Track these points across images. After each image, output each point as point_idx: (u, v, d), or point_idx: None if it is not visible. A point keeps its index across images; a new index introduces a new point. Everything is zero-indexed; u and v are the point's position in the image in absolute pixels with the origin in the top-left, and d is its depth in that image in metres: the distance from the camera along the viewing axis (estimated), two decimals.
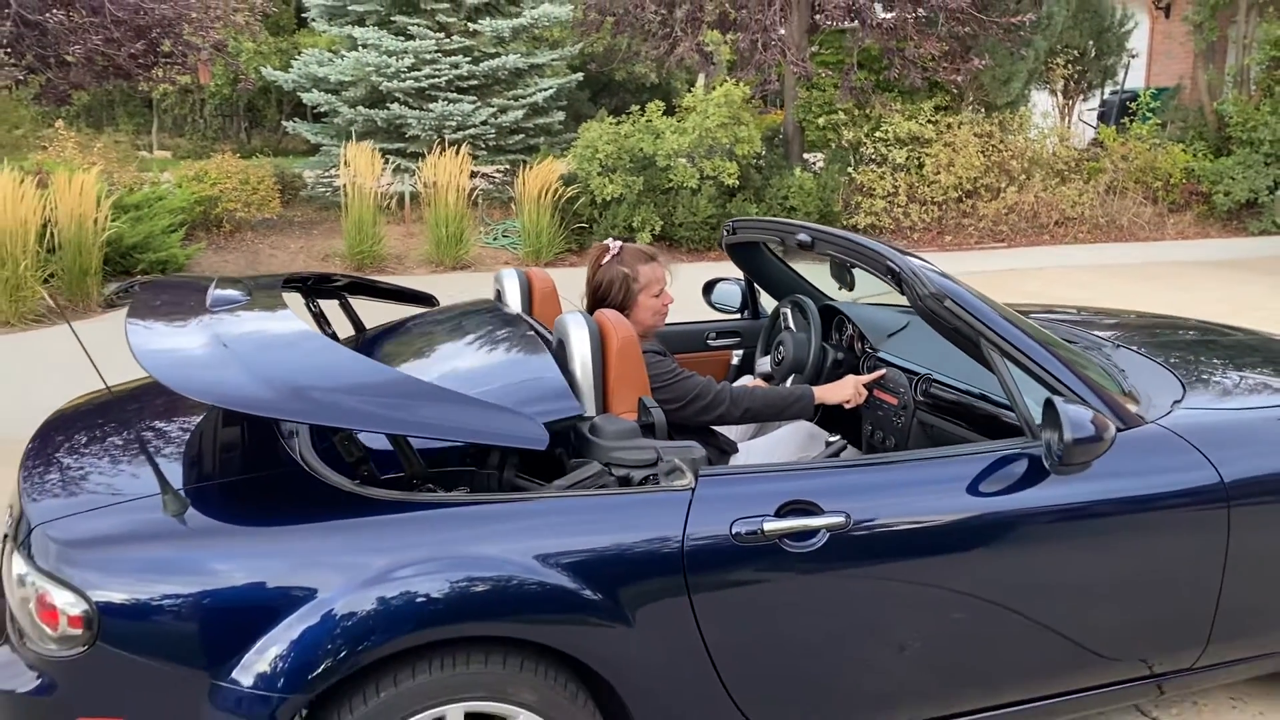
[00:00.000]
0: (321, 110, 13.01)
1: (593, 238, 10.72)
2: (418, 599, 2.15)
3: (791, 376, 3.68)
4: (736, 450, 3.36)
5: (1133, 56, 15.20)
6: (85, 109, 18.56)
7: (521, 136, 12.74)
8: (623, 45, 14.32)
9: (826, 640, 2.47)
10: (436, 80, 12.04)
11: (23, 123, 11.99)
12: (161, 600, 2.11)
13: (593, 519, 2.34)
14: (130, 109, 19.83)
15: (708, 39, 12.02)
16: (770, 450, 3.45)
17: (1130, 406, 2.81)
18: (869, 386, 3.44)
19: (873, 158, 12.25)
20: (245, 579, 2.14)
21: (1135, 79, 17.35)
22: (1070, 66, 13.84)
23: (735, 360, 4.19)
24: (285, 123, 14.94)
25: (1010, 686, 2.71)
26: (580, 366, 2.72)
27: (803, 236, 3.28)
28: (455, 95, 12.15)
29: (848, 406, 3.37)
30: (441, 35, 12.34)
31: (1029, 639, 2.64)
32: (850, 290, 3.56)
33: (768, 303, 4.21)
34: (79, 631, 2.10)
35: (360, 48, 12.20)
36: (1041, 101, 14.43)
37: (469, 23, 12.58)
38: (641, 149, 11.00)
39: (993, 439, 2.88)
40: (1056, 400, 2.49)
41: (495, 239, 11.38)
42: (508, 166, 12.73)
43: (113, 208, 8.70)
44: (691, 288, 4.34)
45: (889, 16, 11.85)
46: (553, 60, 13.37)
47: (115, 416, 2.87)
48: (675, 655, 2.36)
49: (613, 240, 3.32)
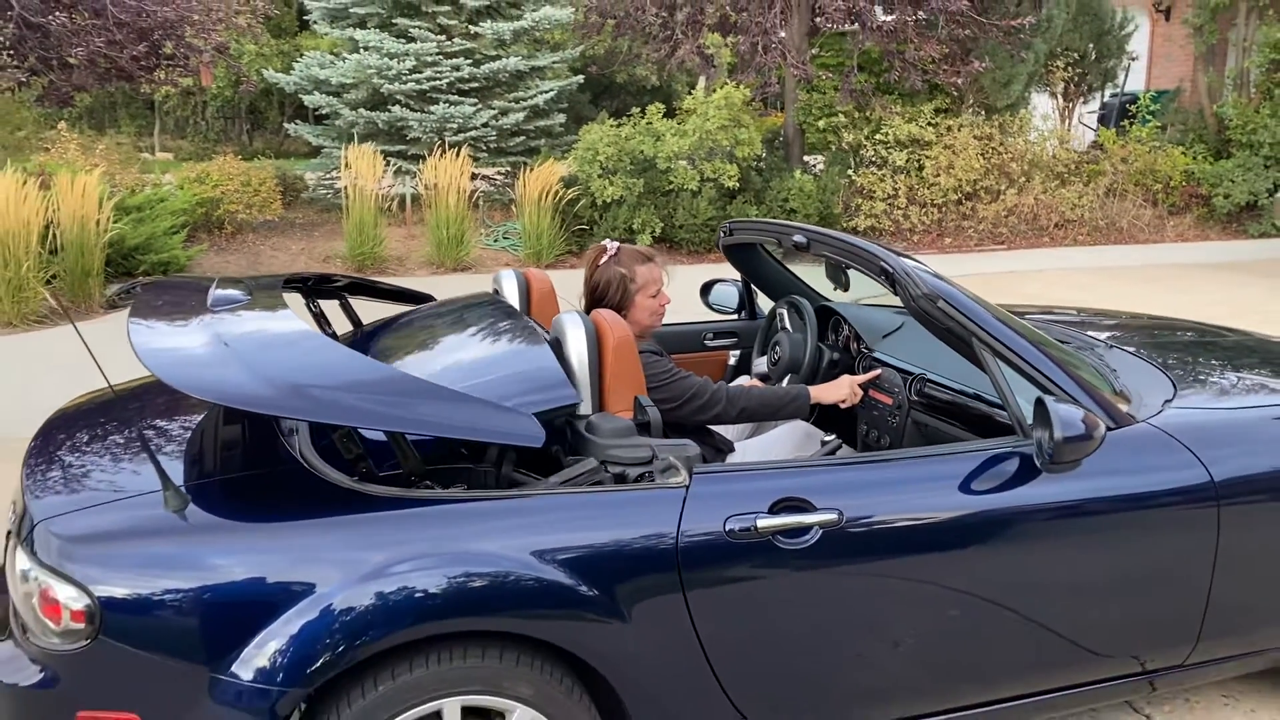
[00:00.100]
0: (323, 112, 13.07)
1: (593, 239, 10.75)
2: (415, 594, 2.18)
3: (788, 376, 3.71)
4: (733, 449, 3.38)
5: (1133, 59, 15.24)
6: (88, 111, 18.64)
7: (522, 139, 12.78)
8: (623, 48, 14.36)
9: (820, 636, 2.50)
10: (438, 83, 12.08)
11: (25, 124, 12.04)
12: (163, 595, 2.13)
13: (588, 516, 2.36)
14: (132, 111, 19.89)
15: (708, 42, 12.05)
16: (767, 449, 3.48)
17: (1121, 406, 2.83)
18: (864, 386, 3.47)
19: (873, 160, 12.28)
20: (245, 574, 2.16)
21: (1136, 82, 17.37)
22: (1070, 69, 13.87)
23: (732, 360, 4.22)
24: (287, 125, 14.99)
25: (1003, 682, 2.74)
26: (577, 365, 2.75)
27: (798, 238, 3.30)
28: (456, 97, 12.19)
29: (843, 406, 3.40)
30: (443, 38, 12.38)
31: (1021, 635, 2.67)
32: (845, 291, 3.59)
33: (765, 304, 4.24)
34: (81, 626, 2.12)
35: (362, 50, 12.25)
36: (1041, 104, 14.46)
37: (470, 25, 12.63)
38: (642, 151, 11.03)
39: (986, 438, 2.90)
40: (1047, 399, 2.52)
41: (496, 241, 11.41)
42: (508, 169, 12.77)
43: (115, 209, 8.75)
44: (691, 289, 4.37)
45: (889, 19, 11.89)
46: (554, 63, 13.41)
47: (117, 415, 2.90)
48: (670, 651, 2.38)
49: (610, 241, 3.35)
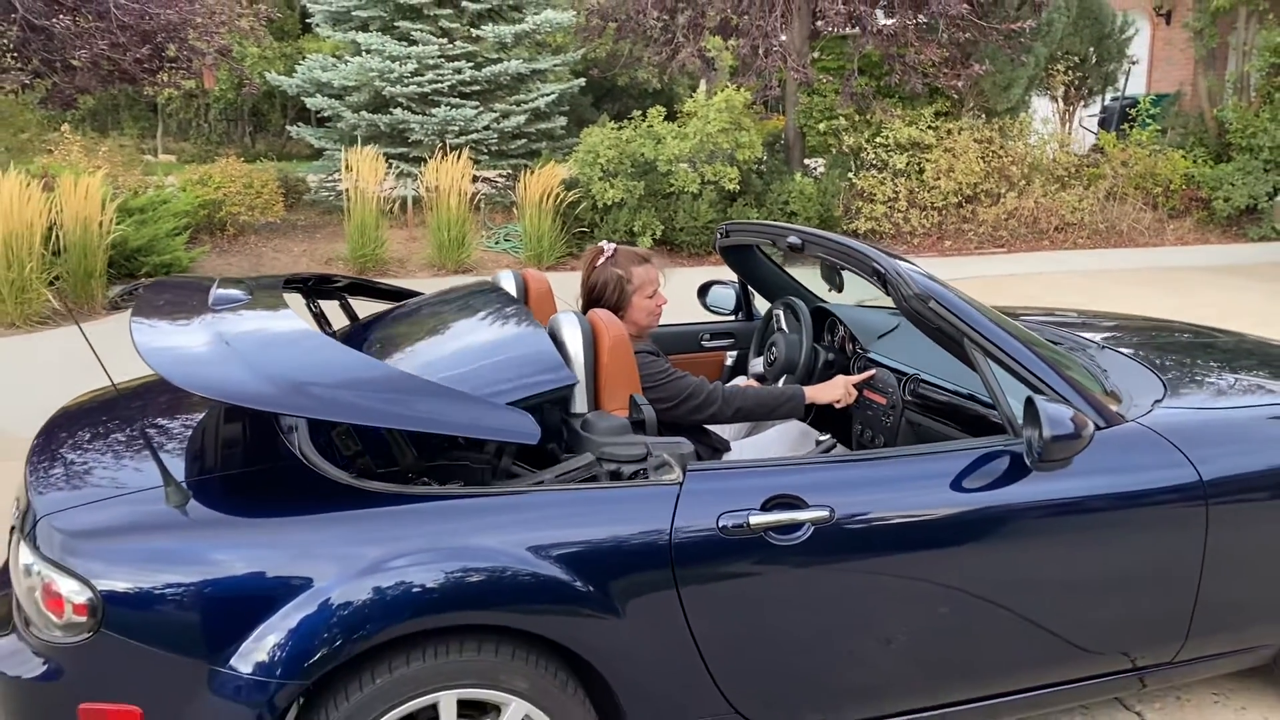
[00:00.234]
0: (325, 115, 13.12)
1: (594, 242, 10.78)
2: (412, 589, 2.21)
3: (783, 377, 3.74)
4: (729, 449, 3.42)
5: (1133, 63, 15.28)
6: (91, 113, 18.70)
7: (523, 141, 12.82)
8: (625, 51, 14.40)
9: (812, 631, 2.53)
10: (439, 85, 12.13)
11: (29, 126, 12.08)
12: (163, 589, 2.16)
13: (583, 512, 2.40)
14: (135, 113, 19.96)
15: (709, 45, 12.11)
16: (762, 449, 3.51)
17: (1112, 405, 2.86)
18: (859, 386, 3.51)
19: (873, 163, 12.31)
20: (245, 569, 2.19)
21: (1136, 85, 17.41)
22: (1071, 73, 13.91)
23: (729, 361, 4.25)
24: (289, 127, 15.04)
25: (994, 679, 2.77)
26: (573, 364, 2.78)
27: (793, 239, 3.34)
28: (458, 100, 12.23)
29: (838, 406, 3.43)
30: (444, 41, 12.42)
31: (1011, 632, 2.70)
32: (839, 292, 3.62)
33: (762, 305, 4.27)
34: (83, 619, 2.16)
35: (364, 53, 12.29)
36: (1042, 107, 14.50)
37: (472, 28, 12.67)
38: (643, 154, 11.07)
39: (979, 437, 2.93)
40: (1036, 398, 2.55)
41: (497, 243, 11.45)
42: (510, 171, 12.81)
43: (117, 211, 8.80)
44: (690, 291, 4.41)
45: (890, 23, 11.93)
46: (555, 66, 13.46)
47: (119, 413, 2.93)
48: (664, 645, 2.42)
49: (606, 243, 3.39)
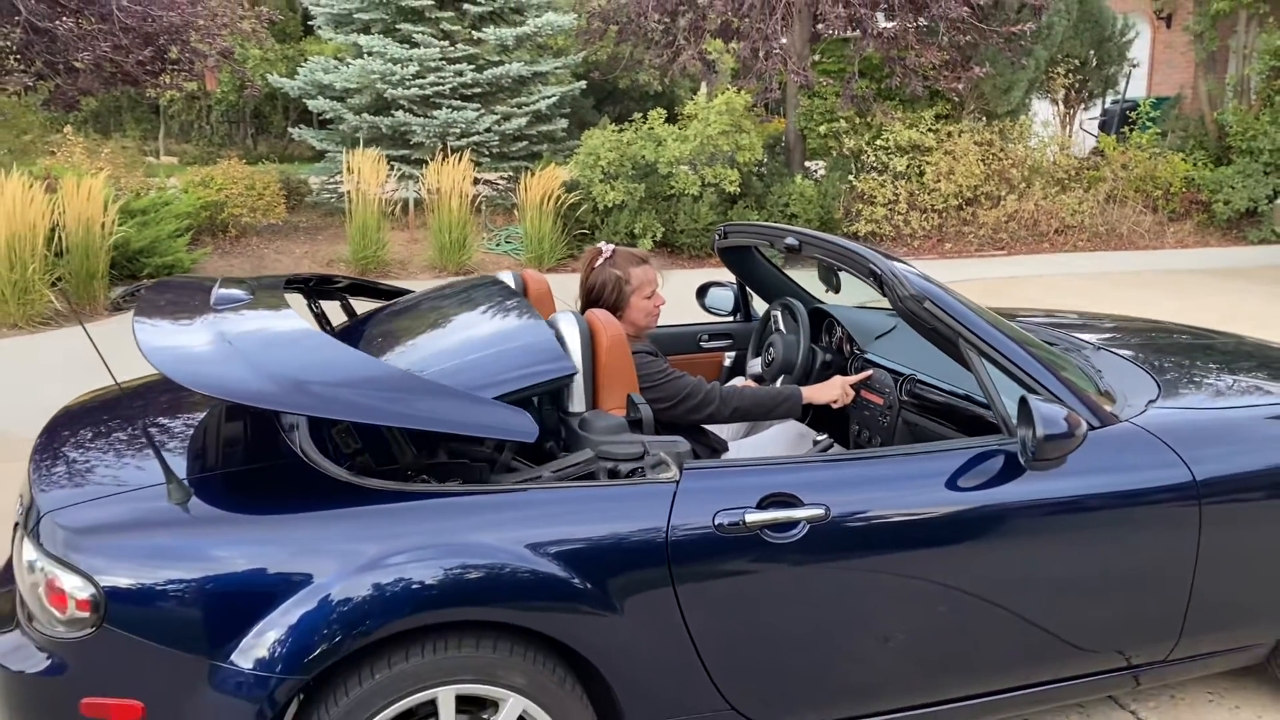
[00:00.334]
0: (327, 117, 13.15)
1: (594, 244, 10.82)
2: (412, 585, 2.23)
3: (781, 377, 3.76)
4: (727, 449, 3.44)
5: (1134, 66, 15.29)
6: (93, 115, 18.74)
7: (525, 144, 12.85)
8: (626, 53, 14.43)
9: (807, 629, 2.55)
10: (441, 88, 12.16)
11: (31, 128, 12.11)
12: (165, 585, 2.19)
13: (581, 510, 2.42)
14: (137, 115, 20.01)
15: (710, 47, 12.13)
16: (760, 449, 3.53)
17: (1106, 405, 2.89)
18: (856, 387, 3.53)
19: (874, 165, 12.34)
20: (246, 565, 2.22)
21: (1136, 88, 17.43)
22: (1071, 76, 13.93)
23: (727, 362, 4.28)
24: (291, 129, 15.08)
25: (989, 676, 2.79)
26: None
27: (791, 240, 3.36)
28: (459, 103, 12.27)
29: (835, 406, 3.46)
30: (446, 43, 12.46)
31: (1006, 630, 2.72)
32: (836, 293, 3.65)
33: (760, 306, 4.30)
34: (86, 614, 2.18)
35: (366, 55, 12.33)
36: (1042, 110, 14.52)
37: (473, 31, 12.71)
38: (644, 156, 11.10)
39: (974, 437, 2.95)
40: (1030, 398, 2.57)
41: (498, 245, 11.48)
42: (511, 173, 12.85)
43: (120, 212, 8.83)
44: (689, 292, 4.44)
45: (890, 26, 11.96)
46: (556, 68, 13.49)
47: (121, 412, 2.96)
48: (661, 642, 2.44)
49: (605, 244, 3.42)
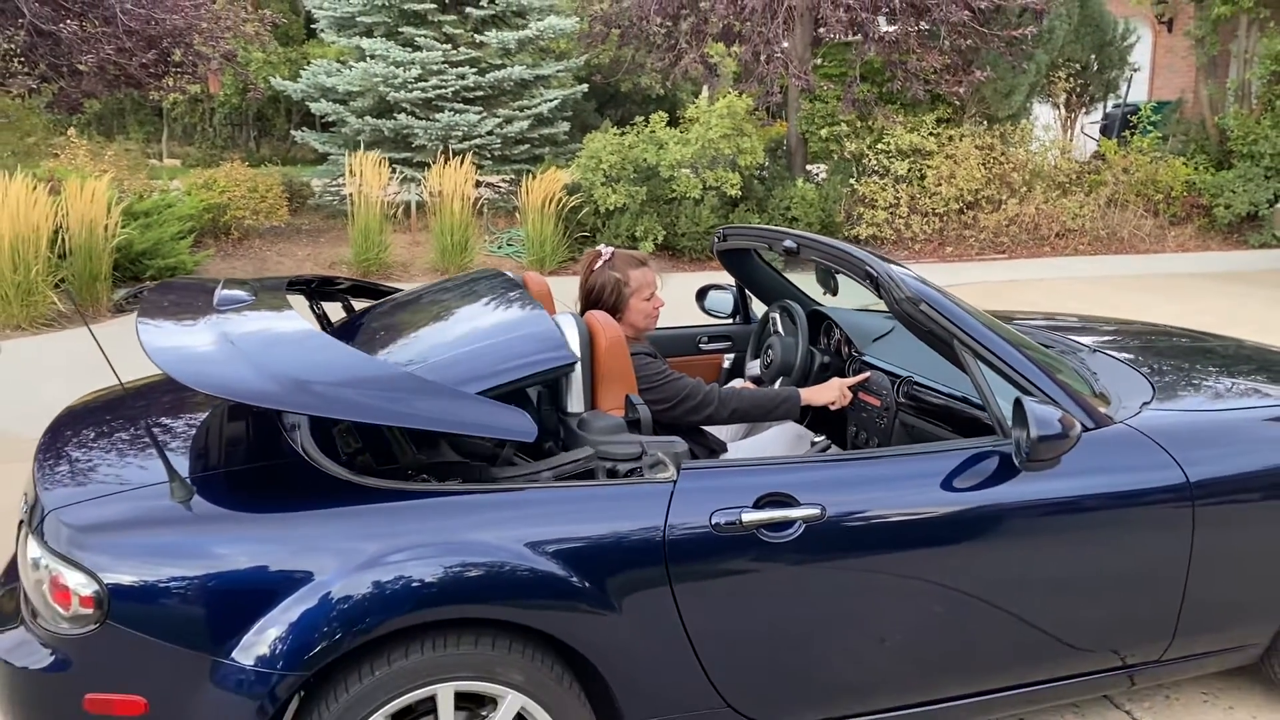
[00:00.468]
0: (329, 120, 13.18)
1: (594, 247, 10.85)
2: (412, 582, 2.26)
3: (780, 379, 3.79)
4: (725, 450, 3.46)
5: (1135, 70, 15.29)
6: (97, 117, 18.80)
7: (527, 147, 12.88)
8: (628, 57, 14.46)
9: (803, 628, 2.58)
10: (443, 91, 12.19)
11: (35, 130, 12.15)
12: (168, 582, 2.22)
13: (579, 509, 2.45)
14: (141, 117, 20.04)
15: (712, 51, 12.15)
16: (759, 451, 3.56)
17: (1100, 407, 2.91)
18: (853, 389, 3.55)
19: (875, 169, 12.36)
20: (247, 563, 2.25)
21: (1138, 92, 17.45)
22: (1072, 80, 13.94)
23: (726, 364, 4.31)
24: (294, 132, 15.12)
25: (984, 675, 2.81)
26: None
27: (789, 243, 3.39)
28: (461, 106, 12.30)
29: (833, 408, 3.48)
30: (448, 47, 12.49)
31: (1001, 629, 2.74)
32: (834, 295, 3.67)
33: (759, 309, 4.32)
34: (90, 611, 2.21)
35: (368, 58, 12.36)
36: (1043, 114, 14.53)
37: (476, 34, 12.74)
38: (645, 159, 11.13)
39: (969, 438, 2.97)
40: (1025, 399, 2.60)
41: (500, 247, 11.51)
42: (513, 176, 12.87)
43: (123, 214, 8.86)
44: (690, 295, 4.46)
45: (891, 30, 11.97)
46: (558, 72, 13.52)
47: (124, 411, 2.98)
48: (658, 641, 2.46)
49: (604, 247, 3.45)
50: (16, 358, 7.35)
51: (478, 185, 11.35)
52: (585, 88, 14.24)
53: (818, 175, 13.15)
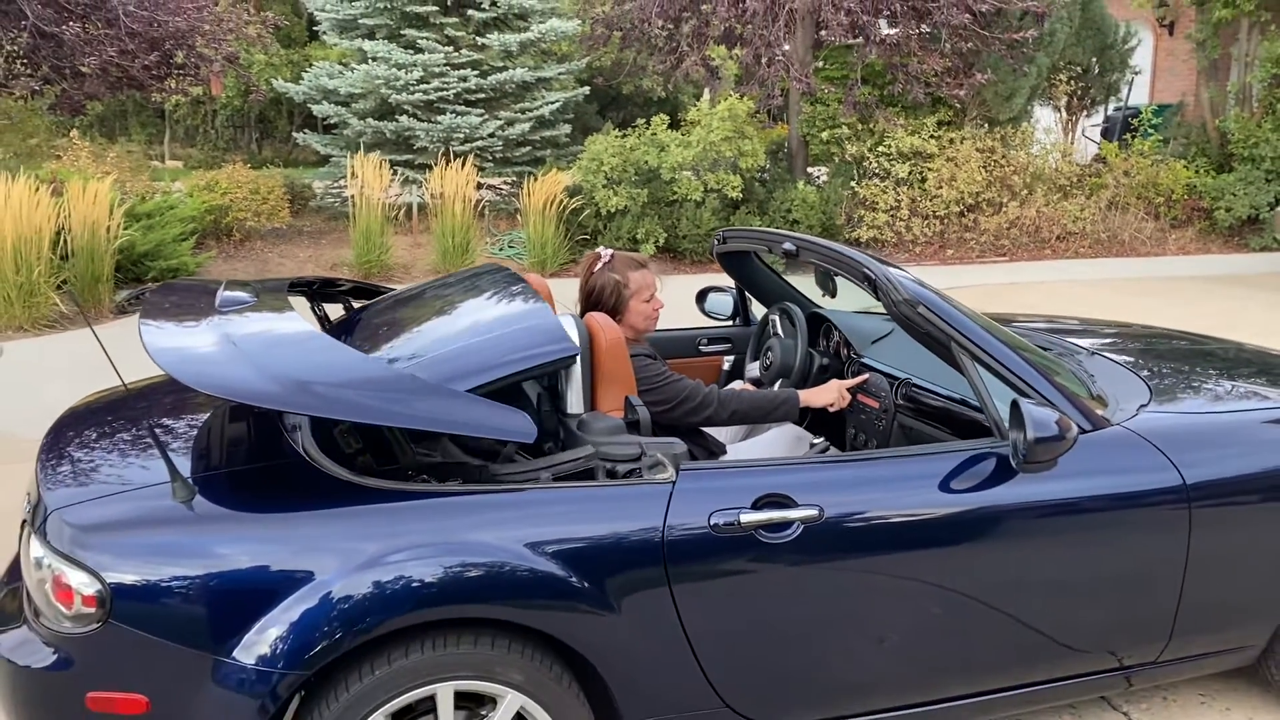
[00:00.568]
0: (331, 122, 13.20)
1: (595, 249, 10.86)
2: (412, 582, 2.28)
3: (779, 381, 3.80)
4: (725, 452, 3.47)
5: (1136, 73, 15.30)
6: (99, 119, 18.84)
7: (528, 149, 12.89)
8: (629, 59, 14.49)
9: (802, 628, 2.59)
10: (445, 93, 12.21)
11: (38, 132, 12.18)
12: (170, 581, 2.23)
13: (578, 509, 2.46)
14: (143, 119, 20.08)
15: (713, 54, 12.17)
16: (758, 452, 3.57)
17: (1098, 410, 2.92)
18: (852, 391, 3.57)
19: (876, 172, 12.37)
20: (249, 562, 2.26)
21: (1139, 95, 17.45)
22: (1073, 83, 13.96)
23: (726, 365, 4.32)
24: (295, 134, 15.14)
25: (982, 676, 2.82)
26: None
27: (788, 245, 3.40)
28: (463, 108, 12.31)
29: (832, 410, 3.49)
30: (450, 49, 12.51)
31: (998, 630, 2.75)
32: (833, 297, 3.69)
33: (759, 311, 4.34)
34: (92, 610, 2.22)
35: (370, 61, 12.38)
36: (1044, 117, 14.55)
37: (478, 37, 12.76)
38: (646, 162, 11.15)
39: (967, 440, 2.99)
40: (1022, 401, 2.61)
41: (501, 249, 11.52)
42: (514, 178, 12.89)
43: (125, 216, 8.89)
44: (690, 297, 4.47)
45: (893, 32, 12.00)
46: (560, 74, 13.54)
47: (126, 412, 3.00)
48: (657, 641, 2.48)
49: (604, 249, 3.46)
50: (18, 359, 7.37)
51: (479, 187, 11.37)
52: (587, 90, 14.26)
53: (819, 178, 13.16)
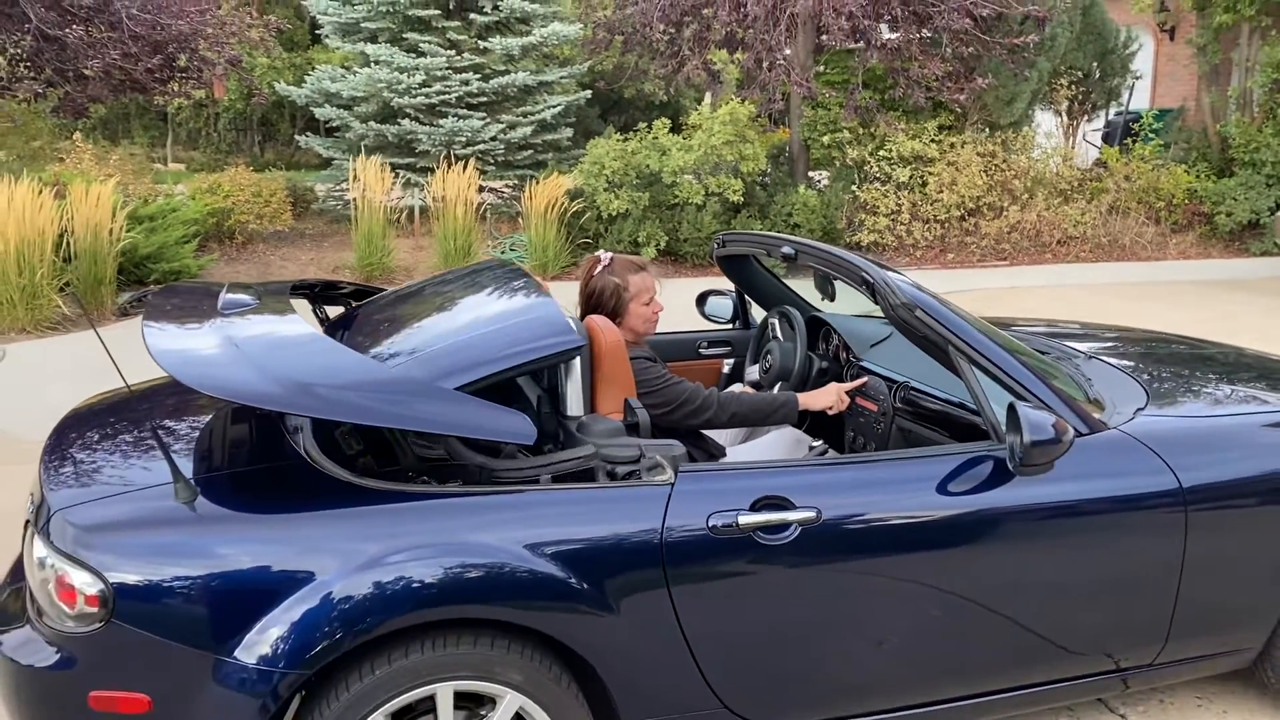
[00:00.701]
0: (333, 125, 13.23)
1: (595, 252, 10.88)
2: (412, 583, 2.29)
3: (778, 384, 3.82)
4: (724, 454, 3.49)
5: (1137, 78, 15.32)
6: (102, 122, 18.88)
7: (530, 152, 12.92)
8: (631, 63, 14.51)
9: (799, 629, 2.60)
10: (447, 97, 12.24)
11: (41, 135, 12.23)
12: (172, 581, 2.25)
13: (578, 511, 2.47)
14: (146, 122, 20.13)
15: (715, 58, 12.20)
16: (757, 455, 3.58)
17: (1094, 413, 2.94)
18: (851, 394, 3.58)
19: (877, 176, 12.39)
20: (250, 563, 2.28)
21: (1140, 100, 17.47)
22: (1074, 87, 13.98)
23: (726, 368, 4.33)
24: (298, 137, 15.16)
25: (979, 677, 2.84)
26: (570, 368, 2.86)
27: (786, 249, 3.42)
28: (465, 111, 12.34)
29: (830, 413, 3.51)
30: (452, 53, 12.54)
31: (995, 632, 2.77)
32: (831, 301, 3.70)
33: (758, 314, 4.35)
34: (95, 610, 2.24)
35: (372, 64, 12.41)
36: (1045, 121, 14.57)
37: (480, 41, 12.79)
38: (648, 165, 11.17)
39: (964, 443, 3.00)
40: (1018, 404, 2.62)
41: (503, 252, 11.54)
42: (516, 182, 12.92)
43: (128, 219, 8.92)
44: (691, 300, 4.49)
45: (894, 37, 12.02)
46: (562, 78, 13.57)
47: (128, 414, 3.02)
48: (655, 642, 2.49)
49: (604, 252, 3.48)
50: (21, 361, 7.39)
51: (481, 190, 11.41)
52: (588, 94, 14.28)
53: (820, 182, 13.18)
